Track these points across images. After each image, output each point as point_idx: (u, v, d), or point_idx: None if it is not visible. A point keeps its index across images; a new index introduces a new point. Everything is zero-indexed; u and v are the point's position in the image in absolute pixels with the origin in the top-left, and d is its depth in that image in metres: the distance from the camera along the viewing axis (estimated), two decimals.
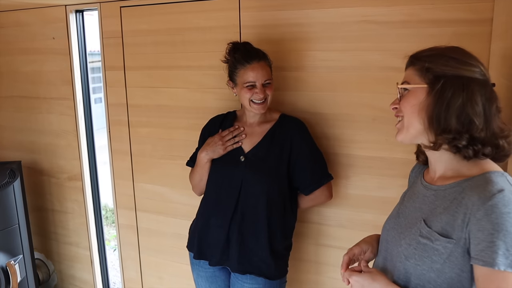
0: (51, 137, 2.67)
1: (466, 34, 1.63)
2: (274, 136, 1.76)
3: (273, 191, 1.72)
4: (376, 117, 1.83)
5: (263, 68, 1.70)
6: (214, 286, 1.88)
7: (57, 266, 2.92)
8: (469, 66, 1.01)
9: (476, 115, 0.98)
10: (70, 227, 2.78)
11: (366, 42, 1.78)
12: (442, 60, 1.02)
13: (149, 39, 2.22)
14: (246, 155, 1.76)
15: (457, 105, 0.99)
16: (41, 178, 2.79)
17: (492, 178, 0.96)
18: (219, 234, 1.76)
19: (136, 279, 2.62)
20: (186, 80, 2.18)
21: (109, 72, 2.37)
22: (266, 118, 1.82)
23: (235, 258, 1.74)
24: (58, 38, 2.48)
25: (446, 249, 0.99)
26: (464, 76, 1.00)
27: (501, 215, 0.88)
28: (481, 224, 0.91)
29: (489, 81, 1.02)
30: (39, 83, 2.62)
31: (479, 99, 0.98)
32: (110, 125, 2.44)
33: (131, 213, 2.50)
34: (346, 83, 1.85)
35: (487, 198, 0.91)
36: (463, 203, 0.97)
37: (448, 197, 1.03)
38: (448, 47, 1.06)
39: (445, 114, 1.00)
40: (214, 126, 1.90)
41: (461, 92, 0.98)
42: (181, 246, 2.39)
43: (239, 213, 1.73)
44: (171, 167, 2.32)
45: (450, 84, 1.00)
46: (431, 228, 1.02)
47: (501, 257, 0.88)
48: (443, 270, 1.00)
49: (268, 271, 1.73)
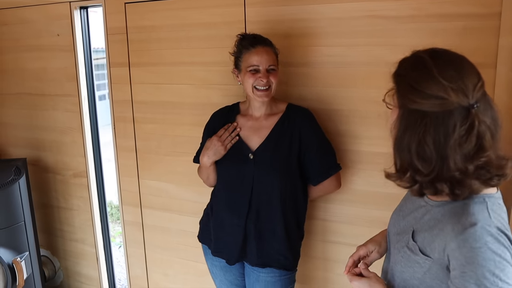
0: (56, 134, 2.67)
1: (474, 28, 1.61)
2: (283, 128, 1.73)
3: (285, 185, 1.70)
4: (381, 113, 1.81)
5: (268, 53, 1.67)
6: (229, 275, 1.88)
7: (62, 263, 2.93)
8: (429, 99, 0.92)
9: (420, 159, 0.94)
10: (75, 224, 2.78)
11: (374, 37, 1.77)
12: (405, 91, 0.97)
13: (154, 35, 2.21)
14: (254, 152, 1.73)
15: (406, 141, 0.96)
16: (46, 175, 2.79)
17: (469, 207, 0.95)
18: (236, 234, 1.75)
19: (141, 276, 2.62)
20: (191, 77, 2.17)
21: (114, 69, 2.36)
22: (273, 110, 1.77)
23: (254, 254, 1.75)
24: (62, 35, 2.48)
25: (425, 264, 1.01)
26: (420, 110, 0.93)
27: (472, 249, 0.89)
28: (454, 255, 0.93)
29: (463, 106, 0.91)
30: (44, 80, 2.62)
31: (430, 139, 0.92)
32: (115, 121, 2.44)
33: (137, 209, 2.50)
34: (353, 79, 1.84)
35: (459, 232, 0.92)
36: (441, 227, 0.98)
37: (433, 215, 1.03)
38: (423, 68, 0.95)
39: (399, 146, 0.99)
40: (218, 120, 1.86)
41: (412, 128, 0.94)
42: (187, 243, 2.39)
43: (254, 210, 1.72)
44: (176, 163, 2.31)
45: (406, 117, 0.96)
46: (416, 242, 1.05)
47: (473, 285, 0.89)
48: (424, 279, 1.03)
49: (287, 262, 1.74)
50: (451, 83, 0.91)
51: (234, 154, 1.76)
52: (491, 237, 0.89)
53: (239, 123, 1.79)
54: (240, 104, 1.88)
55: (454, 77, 0.92)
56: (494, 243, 0.89)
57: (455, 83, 0.91)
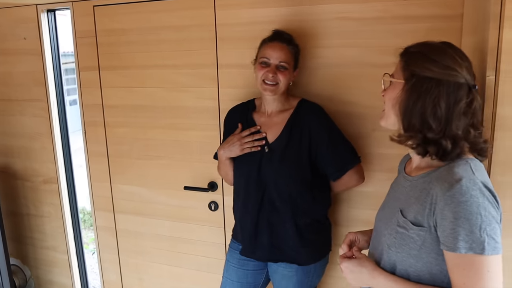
0: (25, 140, 2.61)
1: (439, 29, 1.67)
2: (294, 124, 1.72)
3: (298, 182, 1.71)
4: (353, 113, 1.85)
5: (281, 49, 1.67)
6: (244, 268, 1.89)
7: (34, 271, 2.86)
8: (445, 69, 1.03)
9: (433, 118, 1.03)
10: (46, 231, 2.72)
11: (343, 39, 1.81)
12: (420, 60, 1.06)
13: (124, 39, 2.19)
14: (270, 146, 1.73)
15: (420, 105, 1.04)
16: (15, 182, 2.72)
17: (454, 168, 1.03)
18: (248, 224, 1.78)
19: (116, 282, 2.58)
20: (162, 79, 2.16)
21: (84, 73, 2.33)
22: (284, 106, 1.77)
23: (266, 248, 1.77)
24: (29, 39, 2.42)
25: (420, 237, 1.05)
26: (435, 78, 1.03)
27: (459, 204, 0.96)
28: (443, 213, 0.98)
29: (468, 84, 1.04)
30: (10, 84, 2.55)
31: (443, 102, 1.03)
32: (86, 126, 2.40)
33: (109, 215, 2.47)
34: (323, 80, 1.87)
35: (446, 189, 0.98)
36: (430, 193, 1.04)
37: (419, 187, 1.09)
38: (435, 46, 1.09)
39: (410, 112, 1.07)
40: (234, 116, 1.87)
41: (427, 94, 1.03)
42: (161, 247, 2.38)
43: (266, 204, 1.73)
44: (149, 167, 2.30)
45: (420, 85, 1.05)
46: (406, 218, 1.09)
47: (462, 242, 0.95)
48: (420, 255, 1.07)
49: (299, 257, 1.75)
50: (463, 61, 1.05)
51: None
52: (476, 191, 0.96)
53: (254, 119, 1.80)
54: (255, 100, 1.86)
55: (464, 58, 1.06)
56: (480, 196, 0.96)
57: (465, 62, 1.06)
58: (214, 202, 2.18)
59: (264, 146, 1.74)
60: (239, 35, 1.95)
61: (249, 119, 1.81)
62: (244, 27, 1.94)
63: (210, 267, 2.29)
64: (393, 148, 1.78)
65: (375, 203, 1.87)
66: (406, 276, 1.10)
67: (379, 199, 1.85)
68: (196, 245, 2.30)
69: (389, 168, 1.82)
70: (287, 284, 1.80)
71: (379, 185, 1.87)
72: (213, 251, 2.26)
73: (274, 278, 1.85)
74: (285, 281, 1.80)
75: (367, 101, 1.82)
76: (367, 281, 1.16)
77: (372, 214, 1.87)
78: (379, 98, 1.76)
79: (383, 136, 1.82)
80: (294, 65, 1.73)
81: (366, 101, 1.83)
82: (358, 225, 1.94)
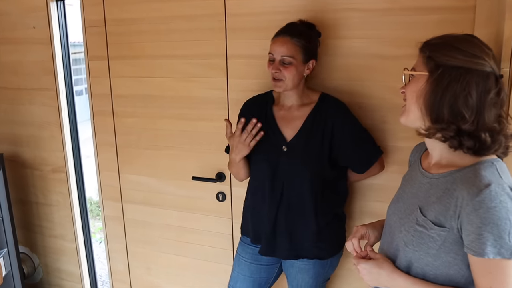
0: (34, 129, 2.63)
1: (450, 21, 1.65)
2: (314, 120, 1.68)
3: (318, 179, 1.68)
4: (362, 105, 1.84)
5: (284, 44, 1.62)
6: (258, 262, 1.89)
7: (42, 259, 2.89)
8: (472, 57, 1.00)
9: (466, 108, 1.00)
10: (55, 219, 2.74)
11: (354, 30, 1.79)
12: (445, 50, 1.03)
13: (133, 28, 2.18)
14: (288, 144, 1.70)
15: (450, 95, 1.01)
16: (24, 170, 2.74)
17: (480, 170, 1.00)
18: (266, 224, 1.76)
19: (123, 271, 2.60)
20: (171, 70, 2.16)
21: (93, 62, 2.33)
22: (304, 100, 1.73)
23: (285, 247, 1.75)
24: (39, 28, 2.43)
25: (441, 237, 1.04)
26: (463, 67, 1.00)
27: (488, 209, 0.94)
28: (470, 218, 0.97)
29: (495, 73, 1.02)
30: (20, 73, 2.56)
31: (474, 91, 0.99)
32: (95, 115, 2.41)
33: (117, 204, 2.48)
34: (333, 71, 1.86)
35: (475, 194, 0.96)
36: (454, 195, 1.01)
37: (441, 186, 1.07)
38: (459, 36, 1.06)
39: (439, 104, 1.03)
40: (250, 109, 1.83)
41: (456, 83, 1.00)
42: (169, 236, 2.39)
43: (285, 203, 1.71)
44: (157, 157, 2.31)
45: (448, 74, 1.01)
46: (426, 217, 1.08)
47: (490, 247, 0.95)
48: (439, 255, 1.06)
49: (321, 252, 1.75)
50: (489, 50, 1.03)
51: (268, 145, 1.72)
52: (505, 196, 0.95)
53: (274, 113, 1.76)
54: (273, 92, 1.83)
55: (489, 48, 1.04)
56: (508, 202, 0.95)
57: (491, 51, 1.03)
58: (221, 192, 2.19)
59: (281, 145, 1.72)
60: (249, 25, 1.94)
61: (269, 112, 1.77)
62: (254, 17, 1.93)
63: (217, 257, 2.31)
64: (403, 141, 1.80)
65: (385, 195, 1.88)
66: (422, 275, 1.10)
67: (389, 192, 1.84)
68: (203, 235, 2.31)
69: (399, 161, 1.82)
70: (303, 277, 1.80)
71: (389, 178, 1.86)
72: (220, 241, 2.27)
73: (290, 272, 1.84)
74: (301, 274, 1.80)
75: (377, 93, 1.81)
76: (385, 283, 1.15)
77: (381, 206, 1.89)
78: (389, 90, 1.78)
79: (393, 129, 1.82)
80: (305, 58, 1.65)
81: (376, 92, 1.82)
82: (368, 217, 1.93)
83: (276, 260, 1.89)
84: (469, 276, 1.04)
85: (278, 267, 1.91)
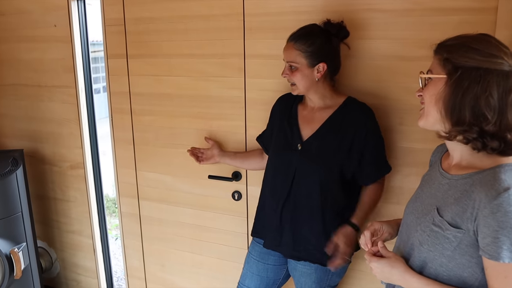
0: (53, 126, 2.67)
1: (470, 23, 1.63)
2: (335, 123, 1.67)
3: (328, 182, 1.67)
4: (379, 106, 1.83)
5: (287, 49, 1.66)
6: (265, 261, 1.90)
7: (59, 254, 2.94)
8: (490, 57, 0.99)
9: (488, 109, 0.99)
10: (72, 215, 2.79)
11: (371, 31, 1.78)
12: (462, 51, 1.02)
13: (152, 27, 2.21)
14: (303, 143, 1.70)
15: (470, 97, 0.99)
16: (43, 166, 2.79)
17: (500, 174, 0.99)
18: (271, 218, 1.78)
19: (138, 267, 2.63)
20: (189, 69, 2.17)
21: (112, 60, 2.36)
22: (327, 103, 1.71)
23: (290, 245, 1.76)
24: (59, 26, 2.47)
25: (456, 238, 1.03)
26: (482, 67, 0.99)
27: (506, 213, 0.93)
28: (487, 221, 0.96)
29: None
30: (40, 71, 2.61)
31: (495, 92, 0.98)
32: (113, 113, 2.44)
33: (134, 201, 2.51)
34: (350, 72, 1.85)
35: (493, 197, 0.95)
36: (472, 197, 1.00)
37: (460, 188, 1.06)
38: (474, 36, 1.05)
39: (459, 106, 1.01)
40: (279, 104, 1.89)
41: (477, 84, 0.99)
42: (184, 234, 2.41)
43: (292, 201, 1.72)
44: (174, 155, 2.32)
45: (467, 76, 1.00)
46: (443, 217, 1.07)
47: (506, 251, 0.94)
48: (454, 256, 1.05)
49: (323, 258, 1.71)
50: (506, 49, 1.01)
51: (286, 141, 1.75)
52: None
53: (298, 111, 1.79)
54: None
55: (506, 47, 1.02)
56: None
57: (509, 50, 1.02)
58: (237, 191, 2.20)
59: (297, 143, 1.72)
60: (267, 25, 1.95)
61: (293, 110, 1.79)
62: (272, 17, 1.93)
63: (232, 256, 2.32)
64: (419, 143, 1.78)
65: (400, 198, 1.87)
66: (435, 275, 1.09)
67: (403, 194, 1.86)
68: (218, 233, 2.32)
69: (415, 163, 1.81)
70: (306, 281, 1.80)
71: (405, 180, 1.85)
72: (235, 240, 2.28)
73: (294, 275, 1.85)
74: (304, 278, 1.80)
75: (395, 94, 1.80)
76: (398, 282, 1.15)
77: (396, 208, 1.89)
78: (408, 92, 1.76)
79: (410, 130, 1.80)
80: (310, 62, 1.62)
81: (394, 94, 1.81)
82: (383, 219, 1.91)
83: (283, 261, 1.89)
84: (483, 279, 1.03)
85: (285, 269, 1.91)
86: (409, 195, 1.31)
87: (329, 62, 1.66)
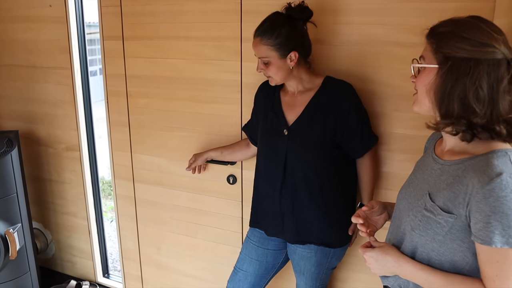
0: (48, 107, 2.66)
1: (468, 10, 1.60)
2: (317, 104, 1.68)
3: (321, 163, 1.69)
4: (375, 92, 1.83)
5: (255, 45, 1.66)
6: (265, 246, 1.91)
7: (54, 235, 2.95)
8: (481, 46, 0.97)
9: (477, 102, 0.98)
10: (67, 197, 2.79)
11: (368, 16, 1.77)
12: (453, 41, 1.00)
13: (148, 9, 2.18)
14: (289, 128, 1.72)
15: (460, 89, 0.99)
16: (38, 148, 2.78)
17: (493, 159, 0.98)
18: (269, 206, 1.80)
19: (133, 249, 2.65)
20: (185, 51, 2.16)
21: (108, 42, 2.34)
22: (306, 86, 1.73)
23: (292, 230, 1.77)
24: (55, 6, 2.44)
25: (448, 223, 1.04)
26: (473, 58, 0.98)
27: (498, 198, 0.94)
28: (479, 206, 0.96)
29: (507, 58, 0.99)
30: (35, 52, 2.58)
31: (485, 83, 0.97)
32: (108, 95, 2.42)
33: (129, 184, 2.52)
34: (346, 57, 1.84)
35: (486, 182, 0.95)
36: (464, 183, 1.01)
37: (452, 173, 1.06)
38: (466, 22, 1.02)
39: (448, 98, 1.01)
40: (262, 92, 1.89)
41: (465, 76, 0.98)
42: (179, 217, 2.42)
43: (290, 186, 1.73)
44: (169, 138, 2.32)
45: (456, 67, 0.99)
46: (435, 203, 1.07)
47: (498, 236, 0.94)
48: (445, 241, 1.06)
49: (328, 239, 1.74)
50: (498, 35, 0.99)
51: (271, 129, 1.77)
52: None
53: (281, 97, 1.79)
54: None
55: (499, 32, 1.00)
56: None
57: (501, 35, 1.00)
58: (232, 175, 2.21)
59: (283, 129, 1.73)
60: (264, 8, 1.91)
61: (276, 97, 1.80)
62: (269, 0, 1.91)
63: (226, 239, 2.33)
64: (414, 129, 1.79)
65: (393, 183, 1.88)
66: (427, 260, 1.10)
67: (397, 180, 1.87)
68: (213, 217, 2.33)
69: (410, 149, 1.81)
70: (305, 264, 1.82)
71: (400, 166, 1.86)
72: (230, 223, 2.30)
73: (293, 258, 1.87)
74: (304, 261, 1.82)
75: (389, 80, 1.80)
76: (393, 269, 1.16)
77: (390, 194, 1.90)
78: (402, 78, 1.76)
79: (404, 117, 1.80)
80: (281, 53, 1.62)
81: (388, 80, 1.80)
82: None
83: (282, 246, 1.91)
84: (473, 263, 1.05)
85: (285, 253, 1.93)
86: (403, 181, 1.31)
87: (300, 48, 1.65)
